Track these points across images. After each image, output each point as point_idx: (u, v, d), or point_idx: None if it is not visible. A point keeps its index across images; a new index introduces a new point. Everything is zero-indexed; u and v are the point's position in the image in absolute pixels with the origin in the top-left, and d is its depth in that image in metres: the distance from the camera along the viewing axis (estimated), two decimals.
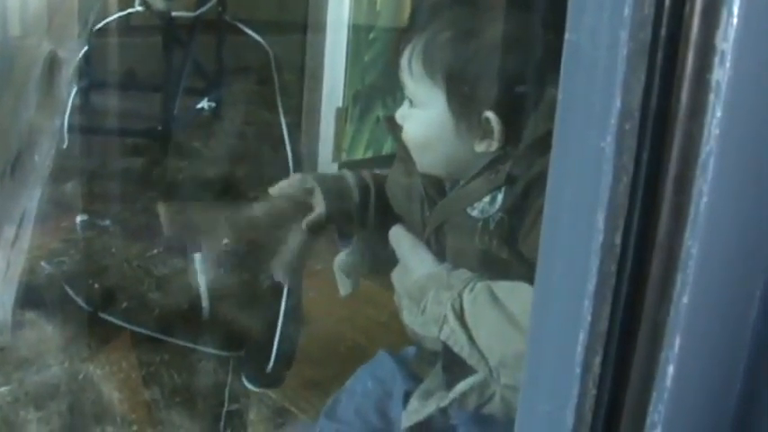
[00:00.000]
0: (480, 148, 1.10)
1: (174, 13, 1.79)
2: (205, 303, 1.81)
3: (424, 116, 1.14)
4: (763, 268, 0.54)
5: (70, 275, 1.89)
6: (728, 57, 0.49)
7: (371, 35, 3.93)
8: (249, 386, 1.84)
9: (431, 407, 1.22)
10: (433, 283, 1.12)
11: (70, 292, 1.87)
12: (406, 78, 1.14)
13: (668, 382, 0.54)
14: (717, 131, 0.50)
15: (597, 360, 0.56)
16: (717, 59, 0.49)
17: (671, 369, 0.54)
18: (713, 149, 0.50)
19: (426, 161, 1.18)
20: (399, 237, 1.19)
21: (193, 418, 1.89)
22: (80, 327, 1.85)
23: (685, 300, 0.53)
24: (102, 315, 1.84)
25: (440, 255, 1.17)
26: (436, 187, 1.20)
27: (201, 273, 1.80)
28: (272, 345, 1.78)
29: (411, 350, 1.37)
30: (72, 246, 1.93)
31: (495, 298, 1.07)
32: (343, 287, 1.34)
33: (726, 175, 0.51)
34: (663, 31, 0.51)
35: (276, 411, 2.15)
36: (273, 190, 1.32)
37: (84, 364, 1.93)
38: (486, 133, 1.09)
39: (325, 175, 1.34)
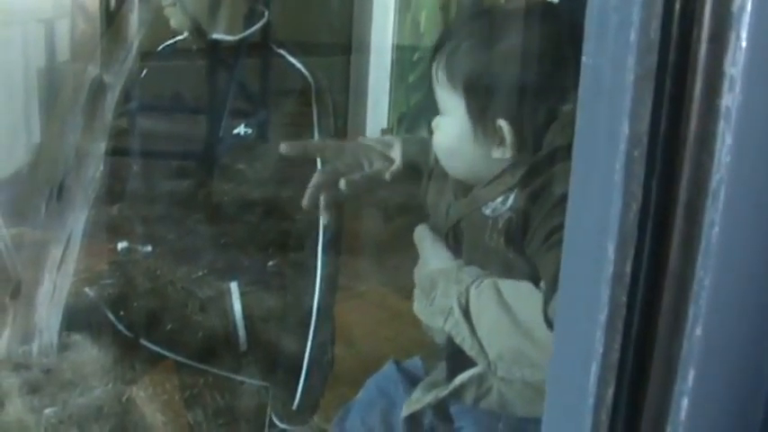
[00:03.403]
0: (497, 154, 1.15)
1: (215, 36, 1.80)
2: (241, 332, 1.82)
3: (449, 123, 1.20)
4: None
5: (112, 301, 1.90)
6: (738, 82, 0.48)
7: (416, 56, 3.93)
8: (276, 422, 1.83)
9: (430, 397, 1.27)
10: (444, 277, 1.18)
11: (111, 317, 1.88)
12: (435, 87, 1.21)
13: (683, 415, 0.53)
14: (728, 159, 0.48)
15: (610, 392, 0.55)
16: (726, 85, 0.48)
17: (685, 402, 0.52)
18: (724, 178, 0.49)
19: (452, 166, 1.23)
20: (422, 234, 1.27)
21: None
22: (122, 351, 1.87)
23: (698, 332, 0.51)
24: (143, 341, 1.85)
25: (456, 252, 1.23)
26: (463, 190, 1.25)
27: (236, 301, 1.81)
28: (299, 382, 1.78)
29: (417, 360, 1.41)
30: (114, 270, 1.94)
31: (499, 294, 1.12)
32: None
33: (737, 203, 0.49)
34: (670, 57, 0.50)
35: None
36: (362, 139, 1.40)
37: (128, 387, 1.94)
38: (501, 140, 1.14)
39: (408, 136, 1.38)
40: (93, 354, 1.90)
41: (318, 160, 1.46)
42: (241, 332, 1.82)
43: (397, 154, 1.35)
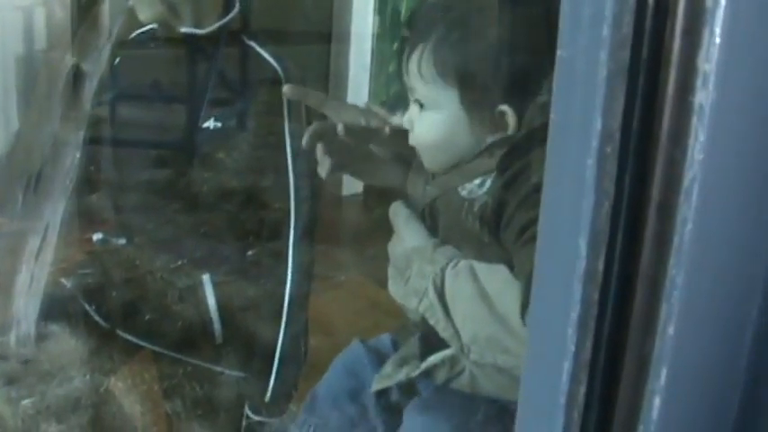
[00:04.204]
0: (493, 139, 1.15)
1: (183, 30, 1.78)
2: (216, 324, 1.81)
3: (435, 117, 1.17)
4: (753, 299, 0.51)
5: (90, 291, 1.89)
6: (711, 78, 0.47)
7: (396, 45, 3.92)
8: (250, 414, 1.82)
9: (401, 374, 1.27)
10: (418, 257, 1.17)
11: (88, 308, 1.87)
12: (415, 82, 1.18)
13: (654, 414, 0.52)
14: (701, 156, 0.48)
15: (582, 390, 0.55)
16: (699, 81, 0.47)
17: (657, 401, 0.52)
18: (697, 175, 0.48)
19: (437, 161, 1.21)
20: (397, 210, 1.25)
21: (214, 430, 1.89)
22: (101, 341, 1.86)
23: (671, 330, 0.50)
24: (120, 332, 1.84)
25: (433, 230, 1.22)
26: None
27: (210, 292, 1.80)
28: (271, 375, 1.77)
29: (384, 338, 1.42)
30: (92, 260, 1.93)
31: (475, 277, 1.11)
32: None
33: (711, 201, 0.49)
34: (644, 52, 0.49)
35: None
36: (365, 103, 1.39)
37: (106, 377, 1.93)
38: (501, 126, 1.13)
39: None
40: (71, 344, 1.89)
41: None
42: (216, 323, 1.81)
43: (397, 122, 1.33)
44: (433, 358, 1.22)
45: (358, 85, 3.84)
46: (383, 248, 1.33)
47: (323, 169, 1.29)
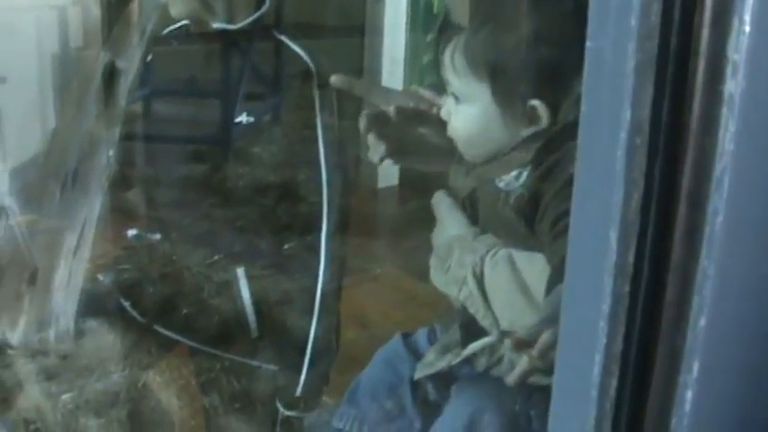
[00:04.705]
0: (528, 133, 1.14)
1: (215, 25, 1.79)
2: (251, 318, 1.81)
3: (469, 111, 1.18)
4: None
5: (127, 287, 1.90)
6: (741, 67, 0.46)
7: (429, 37, 3.91)
8: (281, 409, 1.83)
9: (443, 362, 1.28)
10: (459, 245, 1.19)
11: (125, 303, 1.88)
12: (450, 75, 1.18)
13: (687, 407, 0.52)
14: (731, 146, 0.47)
15: (614, 383, 0.54)
16: (729, 70, 0.47)
17: (689, 394, 0.52)
18: (728, 165, 0.48)
19: (473, 153, 1.22)
20: (440, 200, 1.27)
21: (251, 424, 1.90)
22: (137, 336, 1.87)
23: (703, 322, 0.50)
24: (157, 327, 1.86)
25: (473, 219, 1.23)
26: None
27: (244, 286, 1.81)
28: (302, 368, 1.78)
29: (422, 333, 1.42)
30: (129, 256, 1.95)
31: (513, 266, 1.13)
32: None
33: (742, 191, 0.48)
34: (672, 42, 0.49)
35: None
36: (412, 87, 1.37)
37: (144, 372, 1.95)
38: (533, 120, 1.13)
39: None
40: (108, 339, 1.90)
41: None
42: (251, 317, 1.82)
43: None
44: (474, 346, 1.23)
45: (391, 78, 3.84)
46: (419, 241, 1.33)
47: (375, 154, 1.29)
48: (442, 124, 1.26)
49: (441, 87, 1.28)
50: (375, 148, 1.29)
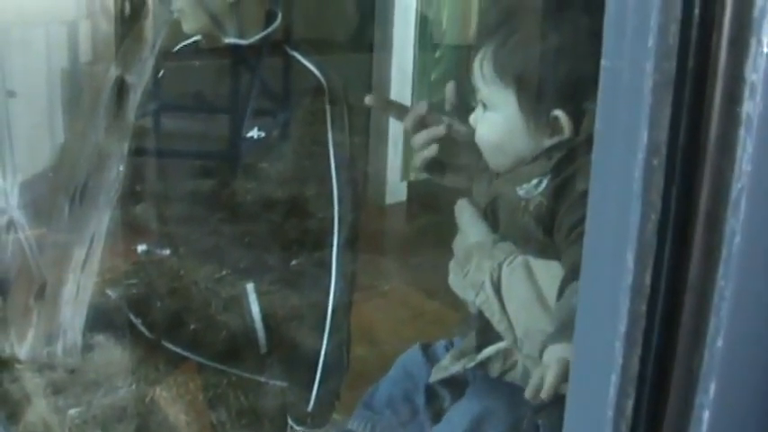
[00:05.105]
0: (550, 143, 1.16)
1: (227, 41, 1.80)
2: (261, 333, 1.82)
3: (496, 118, 1.19)
4: None
5: (135, 302, 1.91)
6: (759, 89, 0.46)
7: (438, 53, 3.93)
8: (292, 425, 1.83)
9: (458, 366, 1.30)
10: (478, 251, 1.21)
11: (134, 318, 1.88)
12: (479, 82, 1.20)
13: (704, 428, 0.52)
14: (749, 167, 0.47)
15: (630, 403, 0.54)
16: (747, 91, 0.47)
17: (706, 415, 0.51)
18: (745, 186, 0.48)
19: (498, 161, 1.23)
20: (462, 208, 1.28)
21: None
22: (145, 352, 1.87)
23: (720, 343, 0.50)
24: (165, 342, 1.86)
25: (494, 227, 1.24)
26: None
27: (254, 302, 1.81)
28: (313, 384, 1.78)
29: (441, 343, 1.43)
30: (137, 271, 1.95)
31: (530, 273, 1.15)
32: None
33: (759, 212, 0.48)
34: (689, 62, 0.49)
35: None
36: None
37: (151, 387, 1.94)
38: (556, 130, 1.15)
39: None
40: (116, 354, 1.90)
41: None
42: (260, 333, 1.82)
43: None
44: (488, 350, 1.25)
45: (400, 94, 3.84)
46: (427, 257, 1.35)
47: (420, 159, 1.30)
48: (475, 148, 1.27)
49: (441, 105, 1.30)
50: (423, 151, 1.29)
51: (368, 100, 1.39)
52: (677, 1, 0.48)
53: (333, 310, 1.76)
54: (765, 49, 0.46)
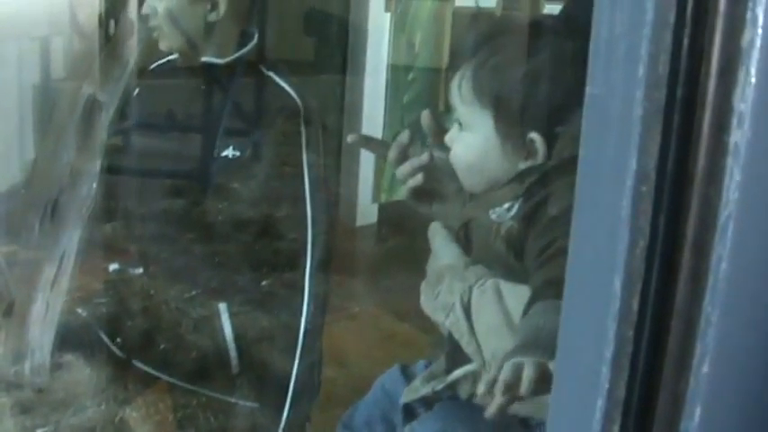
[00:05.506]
0: (525, 166, 1.18)
1: (204, 59, 1.80)
2: (233, 353, 1.81)
3: (472, 138, 1.21)
4: None
5: (105, 321, 1.89)
6: (747, 118, 0.47)
7: (410, 76, 3.94)
8: None
9: (428, 388, 1.30)
10: (450, 273, 1.22)
11: (104, 337, 1.87)
12: (456, 101, 1.22)
13: None
14: (736, 195, 0.48)
15: (616, 429, 0.54)
16: (735, 121, 0.48)
17: None
18: (732, 214, 0.48)
19: (472, 181, 1.24)
20: (435, 230, 1.30)
21: None
22: (115, 371, 1.86)
23: (705, 369, 0.50)
24: (136, 362, 1.84)
25: (467, 250, 1.26)
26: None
27: (226, 322, 1.80)
28: (284, 406, 1.77)
29: (421, 363, 1.44)
30: (108, 290, 1.93)
31: (500, 297, 1.16)
32: None
33: (746, 240, 0.49)
34: (679, 91, 0.49)
35: None
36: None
37: (121, 407, 1.93)
38: (531, 153, 1.16)
39: None
40: (85, 374, 1.88)
41: None
42: (233, 353, 1.81)
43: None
44: (457, 373, 1.25)
45: (373, 116, 3.85)
46: (397, 280, 1.35)
47: (407, 190, 1.30)
48: (453, 178, 1.27)
49: (420, 128, 1.31)
50: (409, 179, 1.29)
51: (349, 138, 1.40)
52: (667, 31, 0.49)
53: (305, 332, 1.75)
54: (753, 80, 0.47)
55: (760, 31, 0.46)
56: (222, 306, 1.81)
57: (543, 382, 0.95)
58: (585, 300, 0.55)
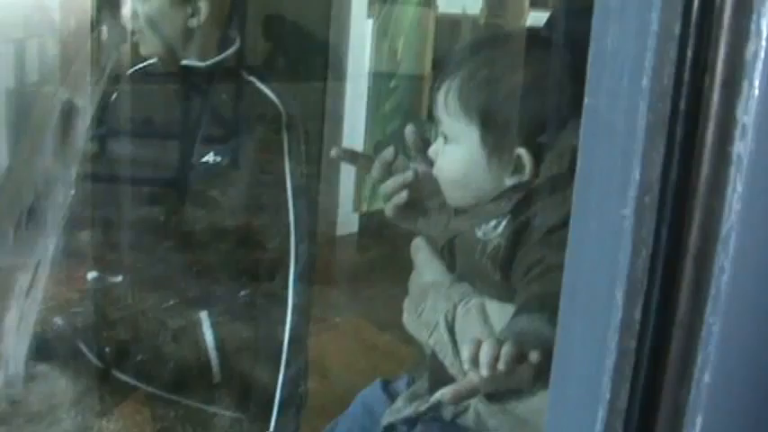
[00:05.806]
0: (512, 181, 1.15)
1: (185, 62, 1.79)
2: (214, 363, 1.79)
3: (457, 152, 1.18)
4: None
5: (82, 330, 1.87)
6: (750, 129, 0.47)
7: (392, 83, 3.93)
8: None
9: (411, 409, 1.28)
10: (434, 291, 1.20)
11: (82, 346, 1.85)
12: (441, 114, 1.19)
13: None
14: (738, 206, 0.48)
15: None
16: (738, 132, 0.48)
17: None
18: (734, 225, 0.49)
19: (457, 195, 1.22)
20: (418, 247, 1.27)
21: None
22: (92, 381, 1.84)
23: (707, 379, 0.51)
24: (115, 372, 1.82)
25: (451, 267, 1.23)
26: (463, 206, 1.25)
27: (208, 330, 1.79)
28: (270, 417, 1.76)
29: (404, 379, 1.42)
30: (84, 298, 1.92)
31: (485, 316, 1.14)
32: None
33: (748, 251, 0.49)
34: (682, 103, 0.50)
35: None
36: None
37: (97, 419, 1.91)
38: (518, 168, 1.14)
39: None
40: (61, 385, 1.86)
41: None
42: (214, 362, 1.80)
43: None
44: (440, 393, 1.22)
45: (354, 124, 3.84)
46: (379, 290, 1.33)
47: (391, 207, 1.27)
48: (436, 191, 1.26)
49: (402, 137, 1.30)
50: (394, 196, 1.27)
51: (333, 153, 1.37)
52: (672, 43, 0.49)
53: (289, 341, 1.74)
54: (757, 91, 0.47)
55: (764, 43, 0.47)
56: (203, 314, 1.80)
57: (521, 365, 0.94)
58: (587, 309, 0.55)
